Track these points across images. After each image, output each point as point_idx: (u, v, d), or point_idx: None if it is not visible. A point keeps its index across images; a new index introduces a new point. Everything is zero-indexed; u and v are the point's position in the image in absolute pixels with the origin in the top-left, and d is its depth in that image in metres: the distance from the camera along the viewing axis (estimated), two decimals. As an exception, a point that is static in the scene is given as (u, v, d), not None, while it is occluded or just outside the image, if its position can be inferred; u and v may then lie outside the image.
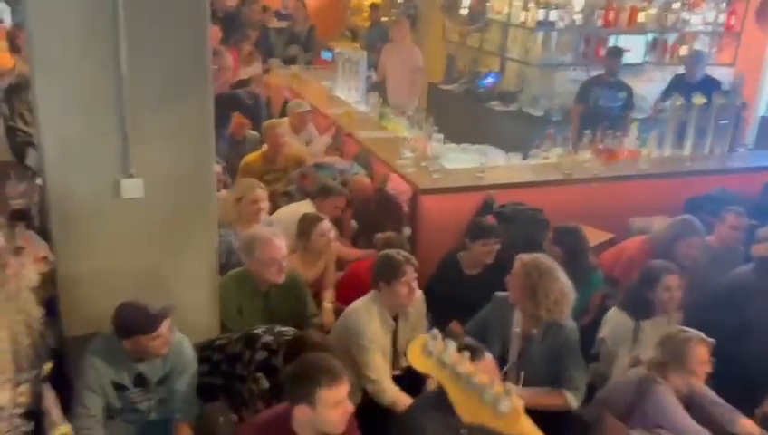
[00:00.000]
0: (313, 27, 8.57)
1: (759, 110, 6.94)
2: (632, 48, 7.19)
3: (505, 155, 5.22)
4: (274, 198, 4.51)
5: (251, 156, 5.07)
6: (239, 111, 4.92)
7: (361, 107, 6.16)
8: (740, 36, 7.43)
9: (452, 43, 8.68)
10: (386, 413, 3.12)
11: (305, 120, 5.62)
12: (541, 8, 6.79)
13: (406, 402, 3.02)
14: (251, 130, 5.65)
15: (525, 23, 7.09)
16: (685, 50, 7.39)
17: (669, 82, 6.36)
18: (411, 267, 3.23)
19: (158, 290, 3.00)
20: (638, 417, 3.02)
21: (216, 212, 3.20)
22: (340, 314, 3.56)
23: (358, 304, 3.32)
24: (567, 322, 3.31)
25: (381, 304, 3.27)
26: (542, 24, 6.90)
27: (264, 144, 5.12)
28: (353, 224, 4.72)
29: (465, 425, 2.58)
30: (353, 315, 3.28)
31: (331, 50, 7.95)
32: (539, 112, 7.06)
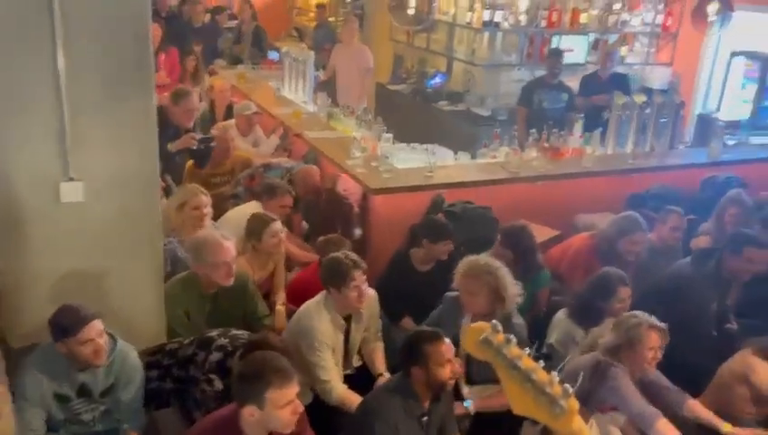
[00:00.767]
0: (260, 26, 8.48)
1: (696, 108, 7.17)
2: (575, 48, 7.36)
3: (454, 155, 5.27)
4: (222, 202, 4.44)
5: (197, 159, 4.96)
6: (189, 155, 4.76)
7: (309, 107, 6.13)
8: (677, 36, 7.68)
9: (399, 44, 8.72)
10: (337, 412, 3.11)
11: (252, 123, 5.56)
12: (486, 9, 6.88)
13: (355, 402, 3.01)
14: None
15: (471, 23, 7.17)
16: (625, 50, 7.60)
17: (581, 80, 6.50)
18: (359, 271, 3.21)
19: (102, 296, 2.92)
20: (594, 401, 3.04)
21: (160, 216, 3.13)
22: (291, 315, 3.55)
23: (309, 304, 3.31)
24: (515, 318, 3.37)
25: (332, 305, 3.26)
26: (487, 25, 6.99)
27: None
28: (304, 225, 4.68)
29: (426, 410, 2.66)
30: (305, 315, 3.26)
31: (277, 50, 7.88)
32: (486, 112, 7.15)
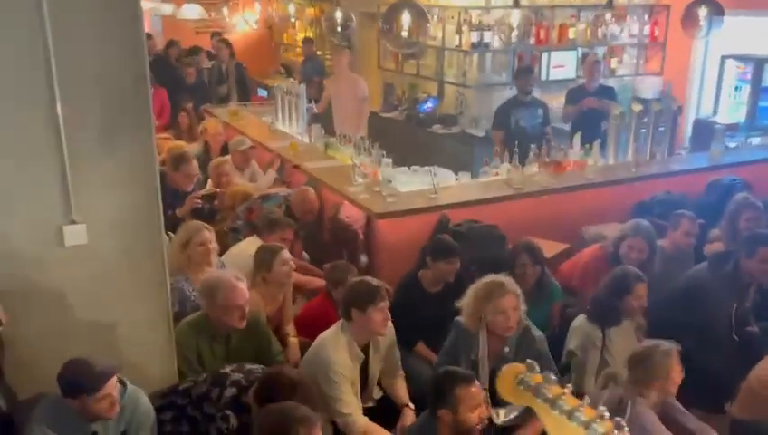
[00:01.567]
0: (240, 64, 8.48)
1: (690, 114, 7.19)
2: (565, 64, 7.39)
3: (454, 175, 5.23)
4: (222, 237, 4.36)
5: (197, 198, 4.90)
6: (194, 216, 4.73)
7: (305, 139, 6.09)
8: (665, 46, 7.73)
9: (388, 72, 8.75)
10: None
11: (248, 157, 5.52)
12: (473, 31, 6.91)
13: (380, 434, 2.92)
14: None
15: (460, 46, 7.20)
16: (614, 63, 7.63)
17: (567, 93, 6.50)
18: (386, 293, 3.16)
19: (109, 340, 2.83)
20: None
21: (165, 255, 3.05)
22: (302, 347, 3.45)
23: (326, 335, 3.21)
24: (535, 331, 3.30)
25: (350, 333, 3.16)
26: (476, 46, 7.01)
27: (210, 184, 4.98)
28: (305, 255, 4.57)
29: None
30: (321, 347, 3.16)
31: (266, 87, 7.89)
32: (480, 133, 7.13)
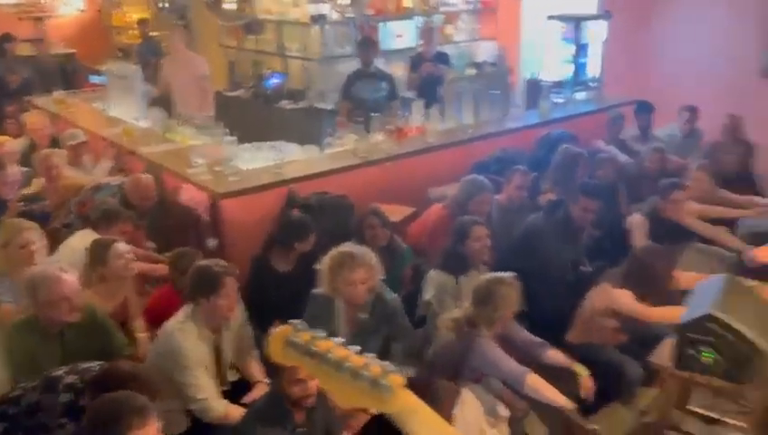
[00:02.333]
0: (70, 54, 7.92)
1: (523, 74, 7.56)
2: (404, 33, 7.52)
3: (301, 148, 5.20)
4: (56, 234, 4.07)
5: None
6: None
7: (142, 123, 5.80)
8: (497, 12, 8.07)
9: (230, 49, 8.51)
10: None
11: (81, 152, 5.19)
12: (310, 3, 6.85)
13: (238, 414, 2.87)
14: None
15: (299, 19, 7.11)
16: (451, 29, 7.86)
17: (410, 60, 6.66)
18: (231, 278, 3.07)
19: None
20: (466, 372, 3.13)
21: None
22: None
23: (171, 322, 3.09)
24: (388, 294, 3.39)
25: (199, 318, 3.07)
26: (315, 19, 6.96)
27: (40, 179, 4.63)
28: (149, 245, 4.37)
29: (300, 422, 2.58)
30: (168, 336, 3.04)
31: (98, 73, 7.42)
32: (329, 106, 7.13)
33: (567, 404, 2.92)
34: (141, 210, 4.26)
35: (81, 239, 3.74)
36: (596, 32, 6.35)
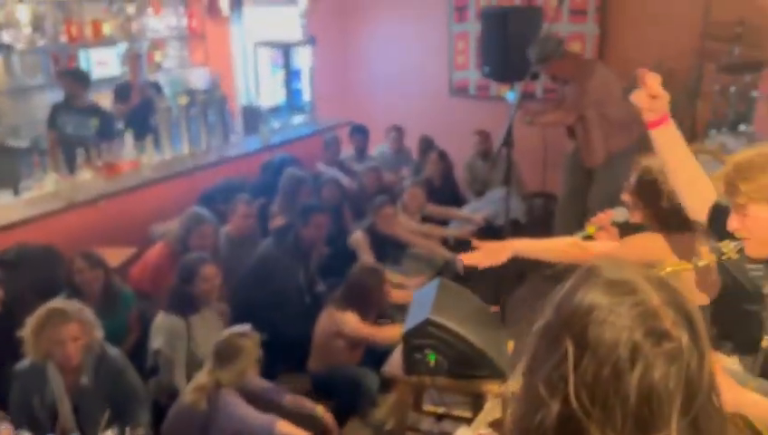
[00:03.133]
0: None
1: (239, 100, 7.53)
2: (107, 61, 7.00)
3: (-8, 197, 4.55)
4: None
5: None
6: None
7: None
8: (206, 37, 7.91)
9: None
10: None
11: None
12: (-10, 30, 6.05)
13: None
14: None
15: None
16: (159, 56, 7.52)
17: (114, 90, 6.26)
18: None
19: None
20: (215, 431, 2.98)
21: None
22: None
23: None
24: (111, 350, 3.09)
25: None
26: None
27: None
28: None
29: None
30: None
31: None
32: (24, 143, 6.35)
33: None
34: None
35: None
36: (305, 57, 6.57)
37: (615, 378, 0.90)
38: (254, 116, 6.18)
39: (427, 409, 3.38)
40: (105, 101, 6.43)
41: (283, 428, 2.95)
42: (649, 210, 2.52)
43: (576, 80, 4.79)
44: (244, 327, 3.14)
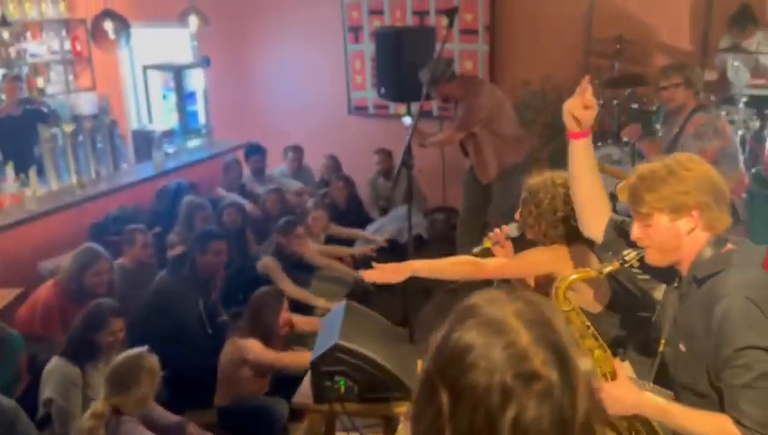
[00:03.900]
0: None
1: (131, 125, 7.25)
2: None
3: None
4: None
5: None
6: None
7: None
8: (91, 60, 7.59)
9: None
10: None
11: None
12: None
13: None
14: None
15: None
16: (41, 81, 7.15)
17: None
18: None
19: None
20: None
21: None
22: None
23: None
24: (3, 402, 2.87)
25: None
26: None
27: None
28: None
29: None
30: None
31: None
32: None
33: None
34: None
35: None
36: (199, 79, 6.41)
37: (489, 423, 0.91)
38: (146, 141, 5.95)
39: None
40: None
41: None
42: (539, 226, 2.62)
43: (465, 99, 4.93)
44: (140, 349, 2.96)
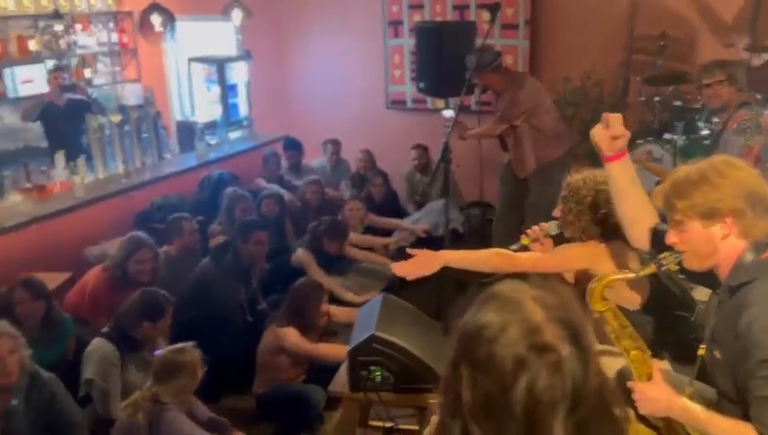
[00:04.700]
0: None
1: (174, 117, 7.40)
2: (34, 78, 6.77)
3: None
4: None
5: None
6: None
7: None
8: (137, 52, 7.76)
9: None
10: None
11: None
12: None
13: None
14: None
15: None
16: (89, 72, 7.33)
17: (41, 110, 5.96)
18: None
19: None
20: None
21: None
22: None
23: None
24: (44, 374, 3.00)
25: None
26: None
27: None
28: None
29: None
30: None
31: None
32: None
33: None
34: None
35: None
36: (241, 72, 6.52)
37: (503, 391, 0.99)
38: (189, 132, 6.08)
39: (374, 424, 3.39)
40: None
41: None
42: (580, 223, 2.62)
43: (507, 91, 4.92)
44: (186, 344, 3.07)
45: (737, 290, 1.84)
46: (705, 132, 4.84)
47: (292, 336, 3.58)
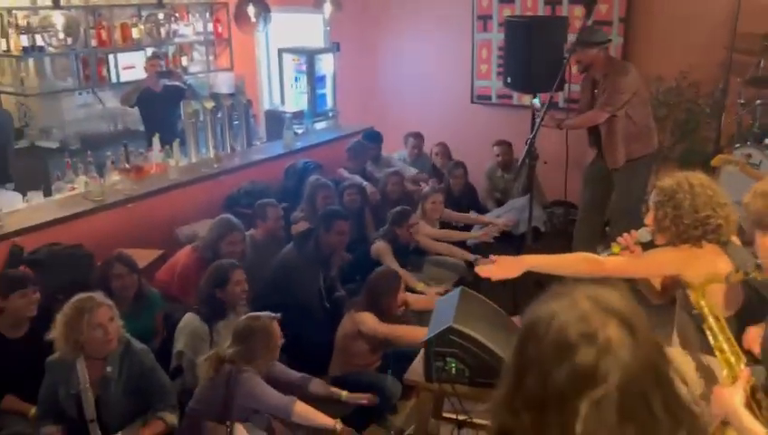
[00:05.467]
0: None
1: (263, 105, 7.64)
2: (135, 64, 7.14)
3: (23, 197, 4.66)
4: None
5: None
6: None
7: None
8: (231, 42, 8.04)
9: None
10: None
11: None
12: (22, 33, 6.19)
13: None
14: None
15: (10, 51, 6.39)
16: (185, 60, 7.65)
17: (138, 95, 6.22)
18: None
19: None
20: (235, 411, 3.03)
21: None
22: None
23: None
24: (137, 344, 3.16)
25: None
26: (29, 51, 6.30)
27: None
28: None
29: None
30: None
31: None
32: (54, 144, 6.50)
33: (337, 425, 3.02)
34: None
35: None
36: (329, 63, 6.64)
37: (547, 378, 1.04)
38: (277, 121, 6.25)
39: (447, 416, 3.40)
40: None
41: (302, 409, 3.00)
42: (677, 228, 2.53)
43: (609, 76, 4.78)
44: (263, 313, 3.19)
45: None
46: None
47: (369, 320, 3.64)
